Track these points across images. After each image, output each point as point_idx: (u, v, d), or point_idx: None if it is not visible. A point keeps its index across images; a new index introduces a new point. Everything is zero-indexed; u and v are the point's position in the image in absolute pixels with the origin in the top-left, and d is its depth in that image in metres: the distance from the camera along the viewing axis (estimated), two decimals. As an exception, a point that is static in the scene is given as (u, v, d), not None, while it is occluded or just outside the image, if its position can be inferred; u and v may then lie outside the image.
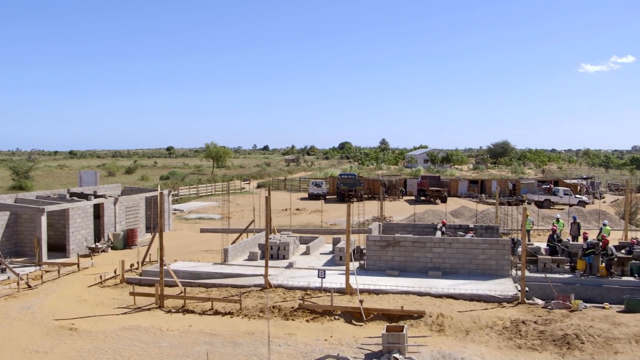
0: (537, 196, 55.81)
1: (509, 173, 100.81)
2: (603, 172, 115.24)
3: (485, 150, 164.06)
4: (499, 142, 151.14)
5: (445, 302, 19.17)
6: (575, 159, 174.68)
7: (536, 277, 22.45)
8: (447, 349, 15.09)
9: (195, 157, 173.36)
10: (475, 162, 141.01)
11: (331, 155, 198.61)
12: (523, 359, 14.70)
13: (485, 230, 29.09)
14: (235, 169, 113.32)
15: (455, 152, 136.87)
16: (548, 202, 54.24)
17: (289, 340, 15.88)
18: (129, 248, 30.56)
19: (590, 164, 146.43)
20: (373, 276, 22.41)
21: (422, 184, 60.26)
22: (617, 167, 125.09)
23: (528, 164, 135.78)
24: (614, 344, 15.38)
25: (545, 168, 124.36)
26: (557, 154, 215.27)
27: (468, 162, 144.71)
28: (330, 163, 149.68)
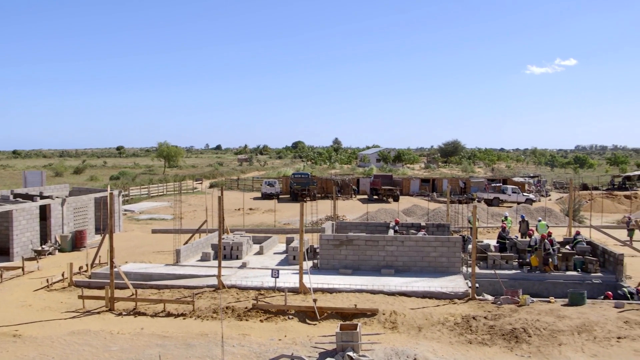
0: (486, 194, 57.03)
1: (459, 172, 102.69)
2: (549, 170, 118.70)
3: (436, 149, 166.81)
4: (450, 141, 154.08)
5: (398, 299, 19.40)
6: (523, 158, 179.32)
7: (486, 273, 23.00)
8: (400, 346, 15.28)
9: (147, 157, 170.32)
10: (427, 161, 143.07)
11: (284, 155, 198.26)
12: (474, 353, 15.01)
13: (436, 228, 29.55)
14: (188, 169, 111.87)
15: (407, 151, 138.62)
16: (497, 200, 55.49)
17: (242, 340, 15.78)
18: (78, 250, 29.78)
19: (536, 162, 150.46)
20: (327, 275, 22.48)
21: (375, 183, 60.73)
22: (561, 165, 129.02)
23: (478, 163, 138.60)
24: (558, 336, 15.89)
25: (495, 167, 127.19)
26: (506, 153, 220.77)
27: (420, 161, 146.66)
28: (283, 162, 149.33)
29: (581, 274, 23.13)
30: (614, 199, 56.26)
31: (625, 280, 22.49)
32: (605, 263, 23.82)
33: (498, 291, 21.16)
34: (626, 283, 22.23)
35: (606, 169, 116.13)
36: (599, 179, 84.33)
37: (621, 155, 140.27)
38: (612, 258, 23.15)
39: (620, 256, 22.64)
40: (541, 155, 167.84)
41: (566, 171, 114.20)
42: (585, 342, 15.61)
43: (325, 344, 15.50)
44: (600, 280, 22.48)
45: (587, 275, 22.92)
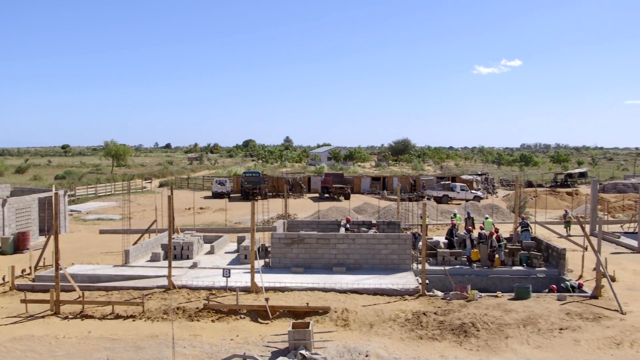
0: (436, 192, 57.99)
1: (409, 170, 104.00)
2: (496, 168, 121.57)
3: (386, 147, 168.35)
4: (400, 139, 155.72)
5: (349, 297, 19.53)
6: (471, 156, 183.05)
7: (436, 269, 23.43)
8: (352, 343, 15.40)
9: (94, 156, 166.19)
10: (377, 160, 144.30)
11: (235, 153, 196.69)
12: (424, 349, 15.26)
13: (387, 225, 29.88)
14: (136, 168, 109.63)
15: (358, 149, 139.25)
16: (446, 198, 56.49)
17: (194, 341, 15.61)
18: (20, 252, 28.78)
19: (484, 160, 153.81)
20: (278, 274, 22.45)
21: (326, 181, 60.90)
22: (508, 163, 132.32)
23: (427, 161, 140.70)
24: (505, 330, 16.33)
25: (444, 165, 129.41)
26: (454, 151, 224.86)
27: (370, 159, 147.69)
28: (234, 161, 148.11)
29: (526, 268, 23.83)
30: (557, 196, 58.07)
31: (567, 274, 23.27)
32: (549, 258, 24.60)
33: (447, 287, 21.57)
34: (568, 276, 23.01)
35: (550, 167, 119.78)
36: (543, 177, 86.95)
37: (563, 154, 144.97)
38: (555, 253, 23.93)
39: (562, 251, 23.43)
40: (488, 154, 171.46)
41: (512, 169, 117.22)
42: (531, 334, 16.10)
43: (277, 342, 15.49)
44: (544, 275, 23.23)
45: (532, 269, 23.63)
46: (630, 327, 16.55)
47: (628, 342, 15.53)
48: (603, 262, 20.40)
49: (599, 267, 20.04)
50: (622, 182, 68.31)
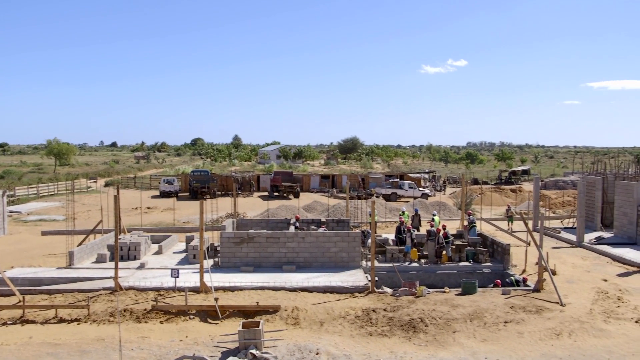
0: (384, 190, 58.60)
1: (358, 168, 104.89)
2: (443, 166, 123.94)
3: (335, 146, 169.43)
4: (349, 138, 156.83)
5: (299, 295, 19.56)
6: (419, 154, 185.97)
7: (385, 267, 23.71)
8: (302, 341, 15.43)
9: (35, 155, 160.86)
10: (327, 158, 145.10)
11: (183, 152, 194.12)
12: (374, 345, 15.43)
13: (336, 223, 30.04)
14: (81, 167, 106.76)
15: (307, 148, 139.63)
16: (395, 195, 57.18)
17: (142, 343, 15.33)
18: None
19: (431, 158, 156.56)
20: (228, 273, 22.29)
21: (275, 179, 60.72)
22: (454, 161, 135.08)
23: (376, 159, 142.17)
24: (452, 324, 16.68)
25: (392, 163, 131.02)
26: (403, 149, 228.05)
27: (319, 157, 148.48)
28: (182, 160, 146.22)
29: (473, 264, 24.38)
30: (502, 193, 59.60)
31: (511, 269, 23.94)
32: (494, 253, 25.24)
33: (397, 284, 21.86)
34: (512, 271, 23.67)
35: (494, 165, 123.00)
36: (488, 174, 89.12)
37: (507, 152, 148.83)
38: (500, 248, 24.58)
39: (507, 246, 24.08)
40: (435, 152, 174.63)
41: (459, 167, 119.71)
42: (477, 328, 16.49)
43: (227, 342, 15.38)
44: (490, 270, 23.82)
45: (478, 265, 24.19)
46: (569, 318, 17.18)
47: (567, 332, 16.12)
48: (545, 257, 21.07)
49: (540, 261, 20.69)
50: (562, 179, 70.68)
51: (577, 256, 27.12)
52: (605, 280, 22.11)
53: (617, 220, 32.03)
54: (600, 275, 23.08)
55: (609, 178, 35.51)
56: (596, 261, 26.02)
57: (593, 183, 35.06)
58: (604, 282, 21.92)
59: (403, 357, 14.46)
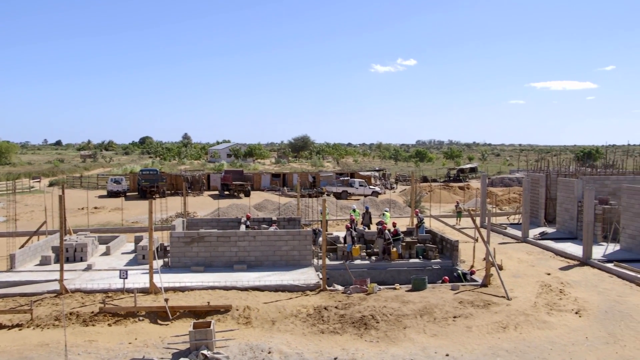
0: (335, 188, 58.91)
1: (309, 166, 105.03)
2: (393, 164, 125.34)
3: (286, 144, 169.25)
4: (300, 136, 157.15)
5: (251, 294, 19.47)
6: (369, 153, 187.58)
7: (336, 264, 23.86)
8: (254, 340, 15.37)
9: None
10: (277, 156, 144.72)
11: (131, 151, 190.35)
12: (326, 343, 15.49)
13: (287, 222, 30.04)
14: (23, 166, 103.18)
15: (258, 146, 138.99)
16: (345, 193, 57.56)
17: (89, 347, 14.96)
18: None
19: (382, 157, 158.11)
20: (178, 273, 21.99)
21: (226, 178, 60.34)
22: (404, 159, 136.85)
23: (327, 158, 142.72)
24: (403, 320, 16.91)
25: (342, 161, 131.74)
26: (353, 147, 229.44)
27: (270, 156, 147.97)
28: (130, 158, 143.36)
29: (423, 260, 24.78)
30: (450, 190, 60.74)
31: (460, 265, 24.43)
32: (443, 249, 25.71)
33: (348, 281, 22.01)
34: (461, 267, 24.16)
35: (443, 162, 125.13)
36: (437, 172, 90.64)
37: (456, 150, 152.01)
38: (449, 245, 25.06)
39: (455, 243, 24.58)
40: (385, 150, 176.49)
41: (408, 165, 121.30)
42: (427, 323, 16.77)
43: (178, 343, 15.17)
44: (439, 266, 24.26)
45: (428, 261, 24.60)
46: (515, 312, 17.67)
47: (513, 325, 16.58)
48: (492, 252, 21.59)
49: (488, 257, 21.19)
50: (508, 177, 72.55)
51: (523, 251, 27.89)
52: (548, 274, 22.82)
53: (560, 215, 33.09)
54: (544, 269, 23.81)
55: (552, 175, 36.64)
56: (540, 256, 26.82)
57: (537, 180, 36.12)
58: (548, 275, 22.62)
59: (355, 354, 14.58)
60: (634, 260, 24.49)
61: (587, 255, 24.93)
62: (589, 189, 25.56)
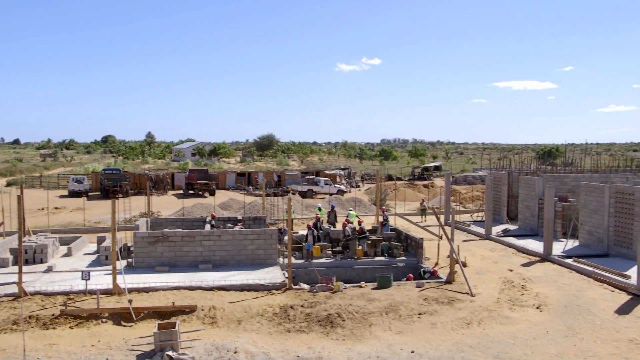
0: (300, 187, 58.90)
1: (274, 165, 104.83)
2: (358, 163, 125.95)
3: (251, 143, 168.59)
4: (265, 135, 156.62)
5: (216, 294, 19.34)
6: (334, 151, 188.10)
7: (302, 263, 23.88)
8: (220, 341, 15.27)
9: None
10: (243, 155, 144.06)
11: (93, 150, 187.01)
12: (292, 342, 15.48)
13: (253, 221, 29.93)
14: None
15: (223, 145, 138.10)
16: (311, 192, 57.60)
17: (49, 351, 14.64)
18: None
19: (347, 155, 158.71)
20: (142, 274, 21.70)
21: (190, 177, 59.83)
22: (369, 158, 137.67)
23: (292, 156, 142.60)
24: (369, 318, 17.02)
25: (308, 160, 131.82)
26: (318, 146, 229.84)
27: (235, 155, 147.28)
28: (92, 158, 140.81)
29: (388, 258, 24.99)
30: (415, 188, 61.33)
31: (425, 262, 24.71)
32: (408, 247, 25.96)
33: (314, 280, 22.04)
34: (425, 264, 24.44)
35: (408, 161, 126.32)
36: (401, 170, 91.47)
37: (420, 148, 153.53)
38: (414, 242, 25.31)
39: (420, 240, 24.84)
40: (351, 149, 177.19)
41: (373, 163, 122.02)
42: (392, 320, 16.91)
43: (142, 345, 14.97)
44: (404, 264, 24.49)
45: (393, 259, 24.81)
46: (479, 308, 17.95)
47: (477, 321, 16.84)
48: (456, 250, 21.88)
49: (452, 254, 21.48)
50: (471, 175, 73.59)
51: (486, 248, 28.34)
52: (511, 270, 23.24)
53: (521, 213, 33.73)
54: (507, 265, 24.24)
55: (514, 173, 37.33)
56: (503, 252, 27.30)
57: (499, 178, 36.74)
58: (510, 272, 23.04)
59: (321, 352, 14.61)
60: (591, 256, 25.14)
61: (547, 251, 25.47)
62: (549, 187, 26.11)
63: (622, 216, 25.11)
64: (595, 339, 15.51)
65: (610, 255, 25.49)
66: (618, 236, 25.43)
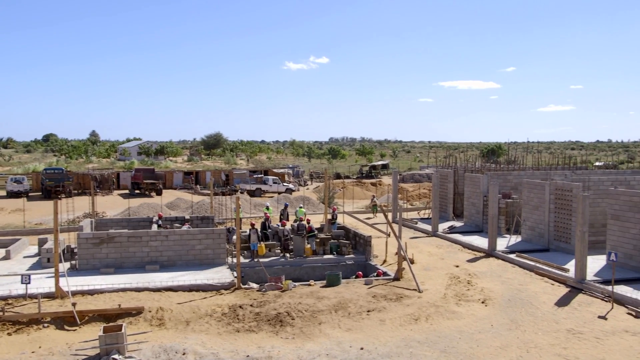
0: (249, 185, 58.59)
1: (222, 164, 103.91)
2: (306, 161, 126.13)
3: (199, 142, 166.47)
4: (212, 133, 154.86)
5: (164, 295, 19.04)
6: (282, 150, 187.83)
7: (251, 262, 23.76)
8: (168, 342, 15.03)
9: None
10: (190, 154, 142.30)
11: (34, 149, 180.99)
12: (242, 341, 15.39)
13: (201, 220, 29.61)
14: None
15: (170, 143, 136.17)
16: (259, 191, 57.38)
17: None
18: None
19: (295, 154, 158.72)
20: (87, 276, 21.16)
21: (137, 177, 58.76)
22: (317, 156, 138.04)
23: (240, 155, 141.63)
24: (318, 316, 17.07)
25: (256, 158, 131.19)
26: (266, 145, 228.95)
27: (182, 153, 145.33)
28: (32, 157, 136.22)
29: (336, 256, 25.10)
30: (363, 186, 61.92)
31: (373, 259, 24.96)
32: (356, 245, 26.16)
33: (263, 279, 21.96)
34: (374, 261, 24.69)
35: (356, 159, 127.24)
36: (349, 169, 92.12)
37: (368, 147, 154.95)
38: (362, 240, 25.53)
39: (368, 238, 25.07)
40: (299, 147, 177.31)
41: (322, 162, 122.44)
42: (342, 318, 17.01)
43: (87, 349, 14.58)
44: (353, 261, 24.67)
45: (342, 257, 24.95)
46: (426, 304, 18.26)
47: (424, 316, 17.13)
48: (403, 247, 22.19)
49: (400, 251, 21.77)
50: (418, 173, 74.85)
51: (433, 245, 28.85)
52: (457, 266, 23.74)
53: (467, 210, 34.48)
54: (453, 261, 24.74)
55: (459, 171, 38.10)
56: (449, 249, 27.84)
57: (445, 176, 37.45)
58: (456, 267, 23.53)
59: (271, 351, 14.56)
60: (533, 251, 25.94)
61: (492, 247, 26.12)
62: (493, 184, 26.78)
63: (562, 212, 26.00)
64: (537, 331, 16.02)
65: (551, 249, 26.36)
66: (558, 231, 26.31)
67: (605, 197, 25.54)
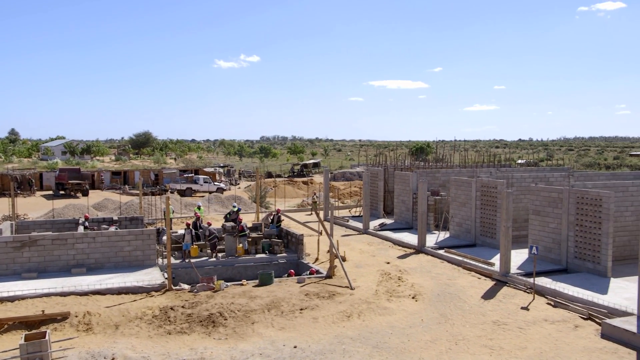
0: (179, 185, 57.64)
1: (151, 163, 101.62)
2: (238, 160, 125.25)
3: (127, 140, 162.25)
4: (141, 132, 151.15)
5: (91, 299, 18.46)
6: (213, 149, 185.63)
7: (182, 263, 23.39)
8: (96, 347, 14.59)
9: None
10: (118, 153, 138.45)
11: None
12: (173, 344, 15.12)
13: (130, 221, 28.91)
14: None
15: (96, 143, 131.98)
16: (190, 191, 56.54)
17: None
18: None
19: (226, 153, 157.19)
20: (7, 282, 20.21)
21: (61, 177, 56.77)
22: (249, 155, 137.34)
23: (170, 154, 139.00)
24: (251, 316, 17.01)
25: (186, 157, 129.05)
26: (197, 143, 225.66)
27: (110, 153, 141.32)
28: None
29: (269, 255, 25.07)
30: (295, 185, 62.07)
31: (305, 258, 25.07)
32: (289, 244, 26.19)
33: (194, 279, 21.67)
34: (306, 260, 24.81)
35: (287, 158, 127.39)
36: (281, 167, 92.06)
37: (299, 145, 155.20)
38: (294, 239, 25.59)
39: (300, 237, 25.17)
40: (230, 146, 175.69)
41: (253, 160, 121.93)
42: (275, 317, 17.00)
43: (7, 359, 13.96)
44: (285, 260, 24.70)
45: (274, 256, 24.94)
46: (358, 300, 18.52)
47: (356, 313, 17.37)
48: (335, 245, 22.40)
49: (331, 249, 21.96)
50: (349, 171, 75.65)
51: (364, 242, 29.25)
52: (388, 263, 24.18)
53: (397, 207, 35.16)
54: (384, 258, 25.18)
55: (389, 169, 38.80)
56: (380, 246, 28.31)
57: (376, 174, 38.04)
58: (387, 264, 23.96)
59: (203, 353, 14.39)
60: (461, 246, 26.77)
61: (421, 243, 26.76)
62: (422, 182, 27.42)
63: (487, 208, 26.93)
64: (465, 324, 16.55)
65: (477, 245, 27.27)
66: (484, 227, 27.25)
67: (527, 193, 26.68)
